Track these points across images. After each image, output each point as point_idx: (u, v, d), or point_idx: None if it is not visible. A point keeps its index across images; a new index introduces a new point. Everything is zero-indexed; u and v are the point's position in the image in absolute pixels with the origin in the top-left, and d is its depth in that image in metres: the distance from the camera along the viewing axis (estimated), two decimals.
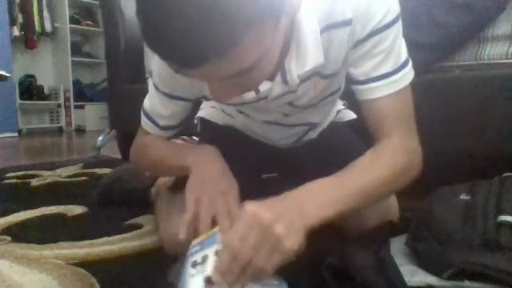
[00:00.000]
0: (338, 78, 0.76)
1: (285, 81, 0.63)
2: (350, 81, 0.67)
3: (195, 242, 0.59)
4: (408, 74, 0.64)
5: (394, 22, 0.60)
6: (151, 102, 0.78)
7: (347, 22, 0.60)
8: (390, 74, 0.63)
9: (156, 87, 0.75)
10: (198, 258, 0.54)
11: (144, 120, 0.81)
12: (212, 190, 0.65)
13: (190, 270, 0.53)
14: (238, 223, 0.51)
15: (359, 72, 0.64)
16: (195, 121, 1.00)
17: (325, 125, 0.92)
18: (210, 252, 0.53)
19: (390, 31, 0.60)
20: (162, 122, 0.79)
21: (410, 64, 0.65)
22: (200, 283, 0.50)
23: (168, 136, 0.83)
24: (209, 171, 0.69)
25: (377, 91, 0.64)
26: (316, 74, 0.66)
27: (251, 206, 0.51)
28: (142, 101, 0.81)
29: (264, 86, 0.63)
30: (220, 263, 0.50)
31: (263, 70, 0.52)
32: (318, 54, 0.60)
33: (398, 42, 0.63)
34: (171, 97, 0.75)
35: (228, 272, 0.50)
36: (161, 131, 0.80)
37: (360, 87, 0.65)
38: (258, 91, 0.63)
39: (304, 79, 0.65)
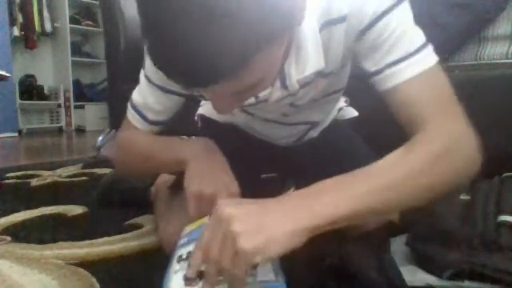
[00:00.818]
0: (340, 77, 0.76)
1: (284, 85, 0.62)
2: (367, 76, 0.62)
3: (186, 230, 0.58)
4: (429, 56, 0.58)
5: (393, 7, 0.57)
6: (142, 94, 0.76)
7: (342, 18, 0.59)
8: (404, 58, 0.57)
9: (149, 80, 0.74)
10: (183, 252, 0.54)
11: (131, 113, 0.79)
12: (213, 184, 0.63)
13: (174, 266, 0.52)
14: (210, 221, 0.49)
15: (371, 63, 0.60)
16: (195, 118, 1.00)
17: (326, 123, 0.92)
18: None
19: (391, 16, 0.57)
20: (151, 117, 0.77)
21: (431, 48, 0.59)
22: (180, 281, 0.49)
23: (155, 131, 0.80)
24: (208, 165, 0.67)
25: (393, 78, 0.58)
26: (317, 75, 0.65)
27: (221, 202, 0.49)
28: None
29: (263, 92, 0.61)
30: (192, 262, 0.49)
31: (268, 80, 0.52)
32: (319, 58, 0.59)
33: (407, 26, 0.59)
34: (165, 90, 0.73)
35: (206, 273, 0.48)
36: (149, 126, 0.78)
37: (376, 78, 0.60)
38: (257, 96, 0.62)
39: (304, 84, 0.64)
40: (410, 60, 0.57)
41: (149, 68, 0.73)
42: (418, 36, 0.59)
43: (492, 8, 1.07)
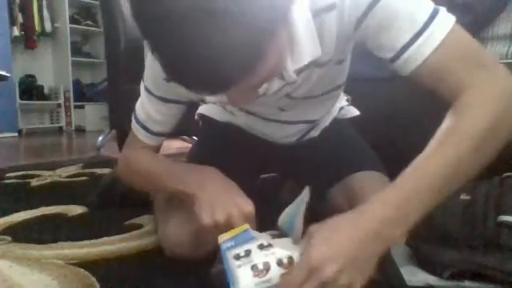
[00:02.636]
0: (339, 72, 0.75)
1: (281, 77, 0.61)
2: (387, 63, 0.60)
3: (224, 237, 0.58)
4: (443, 22, 0.55)
5: None
6: (144, 107, 0.77)
7: (331, 6, 0.57)
8: (418, 33, 0.54)
9: (149, 91, 0.74)
10: (240, 251, 0.55)
11: (135, 126, 0.80)
12: (225, 210, 0.62)
13: (235, 262, 0.54)
14: (302, 267, 0.48)
15: (386, 49, 0.58)
16: (195, 117, 0.99)
17: (327, 122, 0.92)
18: (253, 246, 0.55)
19: None
20: (154, 128, 0.78)
21: (442, 11, 0.56)
22: (249, 271, 0.52)
23: (158, 143, 0.81)
24: (215, 192, 0.66)
25: (414, 58, 0.55)
26: (312, 64, 0.63)
27: (317, 250, 0.47)
28: None
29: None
30: None
31: (280, 67, 0.53)
32: (315, 47, 0.58)
33: None
34: (166, 100, 0.74)
35: None
36: (153, 137, 0.79)
37: (396, 64, 0.58)
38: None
39: (301, 70, 0.63)
40: (424, 34, 0.54)
41: (148, 79, 0.73)
42: (424, 4, 0.56)
43: (492, 8, 1.07)
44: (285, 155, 0.90)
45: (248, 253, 0.54)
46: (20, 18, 4.07)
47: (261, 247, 0.54)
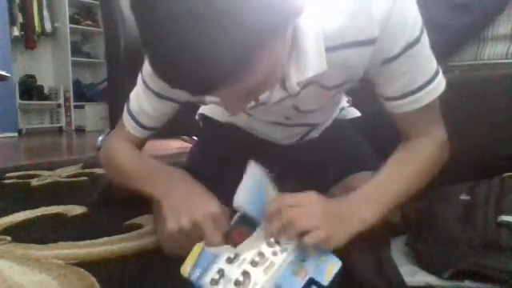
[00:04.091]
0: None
1: (284, 86, 0.62)
2: (382, 97, 0.68)
3: (186, 268, 0.58)
4: (441, 82, 0.65)
5: (421, 32, 0.60)
6: (138, 98, 0.76)
7: (372, 41, 0.58)
8: (423, 85, 0.63)
9: (146, 84, 0.73)
10: (213, 276, 0.54)
11: (126, 117, 0.79)
12: (189, 215, 0.61)
13: None
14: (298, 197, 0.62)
15: (392, 89, 0.64)
16: (196, 117, 0.99)
17: (328, 123, 0.92)
18: (222, 264, 0.55)
19: (422, 43, 0.60)
20: (145, 122, 0.78)
21: (441, 72, 0.65)
22: None
23: (145, 136, 0.81)
24: (181, 196, 0.66)
25: (411, 105, 0.64)
26: (315, 82, 0.64)
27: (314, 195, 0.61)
28: None
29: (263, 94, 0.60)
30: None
31: (275, 78, 0.52)
32: (321, 62, 0.58)
33: (428, 53, 0.62)
34: (161, 97, 0.73)
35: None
36: (142, 130, 0.79)
37: (394, 103, 0.66)
38: (257, 99, 0.61)
39: (305, 85, 0.63)
40: (427, 88, 0.63)
41: (146, 73, 0.73)
42: (434, 61, 0.64)
43: (492, 8, 1.07)
44: (285, 155, 0.90)
45: (221, 273, 0.54)
46: (20, 18, 4.07)
47: (229, 261, 0.54)
